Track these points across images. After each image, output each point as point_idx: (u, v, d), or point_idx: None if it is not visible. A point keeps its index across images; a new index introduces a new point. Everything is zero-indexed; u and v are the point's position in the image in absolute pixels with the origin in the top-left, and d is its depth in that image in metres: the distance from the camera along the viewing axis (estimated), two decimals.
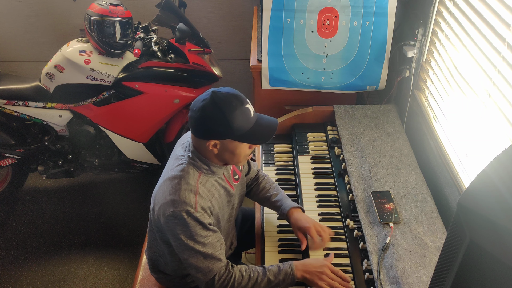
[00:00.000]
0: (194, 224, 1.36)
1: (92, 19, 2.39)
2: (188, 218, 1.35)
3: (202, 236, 1.38)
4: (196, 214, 1.36)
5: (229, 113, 1.32)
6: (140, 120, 2.70)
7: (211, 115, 1.33)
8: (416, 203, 1.68)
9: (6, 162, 2.72)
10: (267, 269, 1.46)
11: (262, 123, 1.41)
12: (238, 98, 1.36)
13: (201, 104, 1.34)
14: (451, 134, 1.80)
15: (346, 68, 2.24)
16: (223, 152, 1.40)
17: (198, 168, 1.43)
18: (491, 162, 0.77)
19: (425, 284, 1.40)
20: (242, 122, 1.35)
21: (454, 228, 0.81)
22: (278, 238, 1.68)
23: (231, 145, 1.38)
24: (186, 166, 1.42)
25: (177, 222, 1.37)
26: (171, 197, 1.37)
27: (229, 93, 1.35)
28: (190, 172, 1.41)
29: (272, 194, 1.71)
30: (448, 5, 1.80)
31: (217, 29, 3.24)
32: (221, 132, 1.35)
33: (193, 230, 1.36)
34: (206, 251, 1.39)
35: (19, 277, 2.54)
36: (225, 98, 1.33)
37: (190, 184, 1.39)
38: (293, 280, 1.45)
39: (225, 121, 1.32)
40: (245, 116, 1.35)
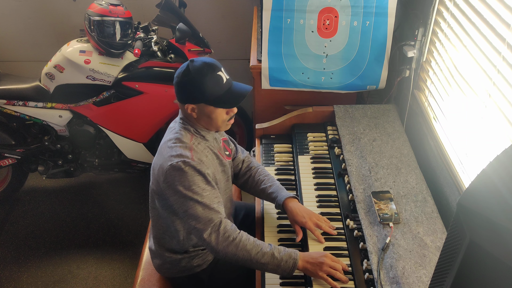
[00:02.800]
0: (192, 173, 1.44)
1: (92, 19, 2.39)
2: (186, 167, 1.43)
3: (201, 188, 1.44)
4: (193, 163, 1.44)
5: (200, 79, 1.43)
6: (140, 120, 2.70)
7: (185, 81, 1.45)
8: (416, 203, 1.68)
9: (6, 162, 2.72)
10: (272, 245, 1.47)
11: (235, 89, 1.50)
12: (210, 65, 1.46)
13: (179, 71, 1.47)
14: (451, 134, 1.80)
15: (346, 68, 2.24)
16: (200, 116, 1.51)
17: (189, 131, 1.53)
18: (491, 162, 0.77)
19: (425, 284, 1.40)
20: (213, 88, 1.45)
21: (454, 228, 0.81)
22: (278, 239, 1.68)
23: (207, 109, 1.49)
24: (179, 129, 1.54)
25: (175, 173, 1.43)
26: (168, 154, 1.47)
27: (203, 61, 1.46)
28: (183, 133, 1.52)
29: (267, 186, 1.72)
30: (448, 5, 1.80)
31: (217, 29, 3.24)
32: (194, 96, 1.46)
33: (191, 179, 1.43)
34: (204, 201, 1.44)
35: (19, 277, 2.54)
36: (198, 66, 1.45)
37: (185, 142, 1.49)
38: (295, 265, 1.44)
39: (197, 86, 1.44)
40: (216, 82, 1.46)
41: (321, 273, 1.44)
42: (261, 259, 1.43)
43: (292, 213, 1.62)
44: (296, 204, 1.65)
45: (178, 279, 1.73)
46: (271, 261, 1.43)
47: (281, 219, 1.74)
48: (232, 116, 1.56)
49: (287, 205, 1.64)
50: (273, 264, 1.43)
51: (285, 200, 1.65)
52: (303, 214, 1.61)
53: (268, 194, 1.71)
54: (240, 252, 1.43)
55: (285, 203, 1.64)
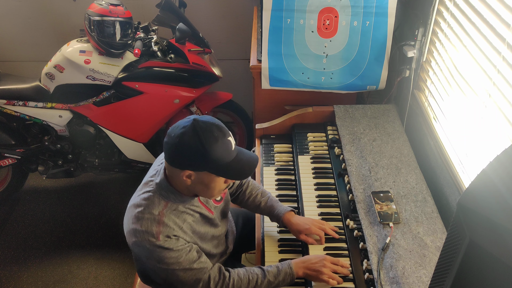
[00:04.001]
0: (159, 251, 1.31)
1: (92, 19, 2.39)
2: (150, 247, 1.31)
3: (172, 258, 1.32)
4: (158, 242, 1.30)
5: (209, 144, 1.24)
6: (140, 120, 2.70)
7: (190, 144, 1.24)
8: (416, 203, 1.68)
9: (6, 162, 2.72)
10: (266, 271, 1.45)
11: (243, 158, 1.33)
12: (220, 129, 1.28)
13: (180, 131, 1.25)
14: (451, 134, 1.80)
15: (346, 68, 2.24)
16: (196, 184, 1.32)
17: (165, 197, 1.36)
18: (491, 162, 0.77)
19: (425, 284, 1.40)
20: (221, 155, 1.26)
21: (454, 228, 0.81)
22: (278, 238, 1.68)
23: (207, 178, 1.30)
24: (152, 194, 1.36)
25: (141, 251, 1.34)
26: (133, 226, 1.33)
27: (211, 123, 1.28)
28: (155, 201, 1.35)
29: (261, 201, 1.68)
30: (448, 5, 1.80)
31: (217, 29, 3.24)
32: (198, 163, 1.26)
33: (159, 256, 1.32)
34: (183, 267, 1.34)
35: (19, 277, 2.54)
36: (206, 128, 1.25)
37: (153, 214, 1.33)
38: (293, 279, 1.45)
39: (204, 152, 1.24)
40: (225, 149, 1.28)
41: (323, 277, 1.45)
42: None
43: (294, 225, 1.61)
44: (297, 217, 1.64)
45: None
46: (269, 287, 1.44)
47: None
48: (229, 186, 1.40)
49: (288, 220, 1.62)
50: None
51: (284, 214, 1.63)
52: (305, 222, 1.61)
53: (263, 209, 1.67)
54: None
55: (286, 218, 1.62)
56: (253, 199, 1.69)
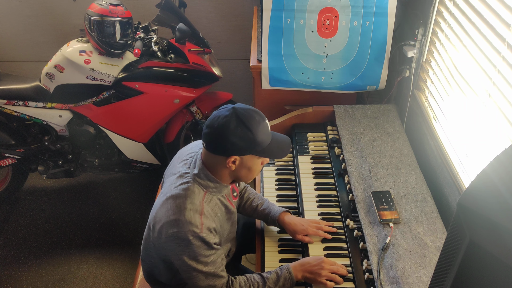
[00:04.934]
0: (199, 244, 1.34)
1: (92, 19, 2.39)
2: (193, 239, 1.32)
3: (205, 256, 1.36)
4: (202, 234, 1.33)
5: (254, 128, 1.33)
6: (140, 120, 2.70)
7: (236, 130, 1.31)
8: (416, 203, 1.68)
9: (6, 162, 2.72)
10: (266, 278, 1.46)
11: (278, 139, 1.43)
12: (259, 113, 1.37)
13: (223, 121, 1.32)
14: (451, 134, 1.80)
15: (346, 68, 2.24)
16: (240, 168, 1.39)
17: (204, 187, 1.40)
18: (491, 162, 0.77)
19: (425, 284, 1.40)
20: (264, 137, 1.36)
21: (454, 228, 0.81)
22: (278, 238, 1.68)
23: (250, 161, 1.39)
24: (191, 185, 1.38)
25: (180, 242, 1.34)
26: (175, 216, 1.33)
27: (250, 109, 1.36)
28: (195, 191, 1.38)
29: (258, 204, 1.70)
30: (448, 5, 1.80)
31: (217, 29, 3.24)
32: (245, 147, 1.34)
33: (197, 251, 1.34)
34: (208, 270, 1.37)
35: (19, 277, 2.54)
36: (248, 114, 1.34)
37: (195, 204, 1.36)
38: (293, 283, 1.47)
39: (251, 136, 1.32)
40: (266, 131, 1.37)
41: (320, 278, 1.46)
42: None
43: (291, 225, 1.62)
44: (292, 216, 1.66)
45: None
46: None
47: None
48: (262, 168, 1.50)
49: (283, 219, 1.64)
50: None
51: (280, 215, 1.64)
52: (301, 223, 1.63)
53: (260, 212, 1.69)
54: None
55: (281, 218, 1.64)
56: (250, 203, 1.71)
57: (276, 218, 1.64)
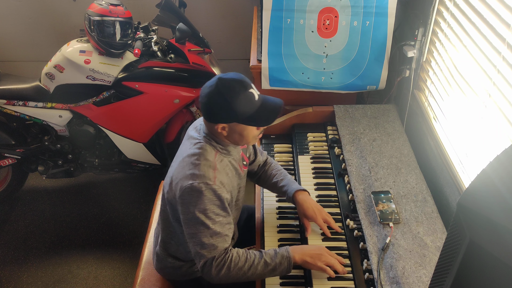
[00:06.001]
0: (211, 197, 1.40)
1: (92, 19, 2.39)
2: (206, 191, 1.39)
3: (215, 213, 1.41)
4: (214, 186, 1.40)
5: (232, 99, 1.38)
6: (140, 120, 2.70)
7: (216, 102, 1.40)
8: (416, 203, 1.68)
9: (6, 162, 2.72)
10: (263, 252, 1.48)
11: (267, 106, 1.45)
12: (242, 83, 1.41)
13: (207, 91, 1.41)
14: (451, 134, 1.80)
15: (346, 68, 2.24)
16: (231, 134, 1.46)
17: (214, 147, 1.49)
18: (491, 162, 0.77)
19: (425, 284, 1.40)
20: (245, 107, 1.40)
21: (454, 228, 0.81)
22: (279, 238, 1.68)
23: (238, 128, 1.44)
24: (204, 144, 1.48)
25: (193, 194, 1.39)
26: (191, 171, 1.41)
27: (233, 79, 1.41)
28: (207, 149, 1.47)
29: (278, 180, 1.74)
30: (448, 5, 1.80)
31: (217, 29, 3.24)
32: (226, 116, 1.41)
33: (207, 204, 1.39)
34: (215, 228, 1.41)
35: (19, 277, 2.54)
36: (228, 85, 1.39)
37: (209, 160, 1.44)
38: (290, 263, 1.46)
39: (229, 107, 1.38)
40: (248, 101, 1.41)
41: (320, 264, 1.47)
42: (256, 271, 1.44)
43: (303, 206, 1.64)
44: (306, 197, 1.67)
45: (178, 281, 1.74)
46: (265, 270, 1.45)
47: (281, 219, 1.74)
48: (262, 131, 1.54)
49: (297, 197, 1.66)
50: (268, 271, 1.45)
51: (295, 192, 1.66)
52: (313, 209, 1.63)
53: (279, 188, 1.73)
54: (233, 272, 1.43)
55: (295, 195, 1.66)
56: (272, 178, 1.76)
57: (292, 196, 1.67)
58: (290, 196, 1.67)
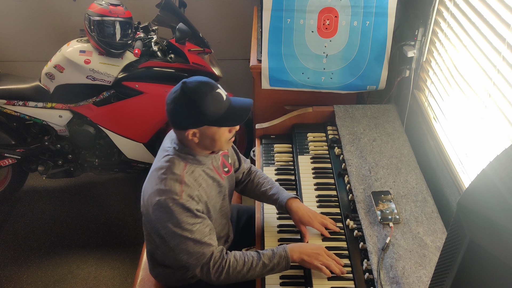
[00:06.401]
0: (180, 211, 1.38)
1: (92, 19, 2.39)
2: (173, 206, 1.37)
3: (190, 224, 1.39)
4: (181, 200, 1.38)
5: (200, 101, 1.35)
6: (140, 120, 2.70)
7: (183, 106, 1.36)
8: (416, 203, 1.68)
9: (6, 162, 2.72)
10: (261, 253, 1.47)
11: (236, 106, 1.43)
12: (208, 84, 1.39)
13: (173, 96, 1.38)
14: (451, 134, 1.80)
15: (346, 68, 2.24)
16: (203, 139, 1.42)
17: (184, 159, 1.45)
18: (491, 162, 0.77)
19: (425, 284, 1.40)
20: (215, 108, 1.37)
21: (454, 228, 0.81)
22: (278, 238, 1.68)
23: (210, 131, 1.41)
24: (172, 157, 1.45)
25: (163, 210, 1.39)
26: (157, 187, 1.40)
27: (198, 81, 1.38)
28: (175, 162, 1.44)
29: (267, 189, 1.72)
30: (448, 5, 1.80)
31: (217, 29, 3.24)
32: (195, 120, 1.37)
33: (179, 217, 1.38)
34: (195, 237, 1.40)
35: (19, 277, 2.54)
36: (194, 87, 1.36)
37: (176, 174, 1.41)
38: (288, 262, 1.46)
39: (198, 109, 1.35)
40: (217, 101, 1.38)
41: (317, 263, 1.47)
42: (254, 273, 1.45)
43: (297, 213, 1.62)
44: (299, 204, 1.66)
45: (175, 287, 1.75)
46: (264, 270, 1.46)
47: (281, 219, 1.74)
48: (234, 134, 1.50)
49: (290, 205, 1.64)
50: (267, 271, 1.46)
51: (288, 200, 1.65)
52: (308, 214, 1.63)
53: (269, 196, 1.70)
54: (232, 276, 1.44)
55: (288, 203, 1.64)
56: (260, 188, 1.73)
57: (284, 204, 1.65)
58: (282, 205, 1.66)
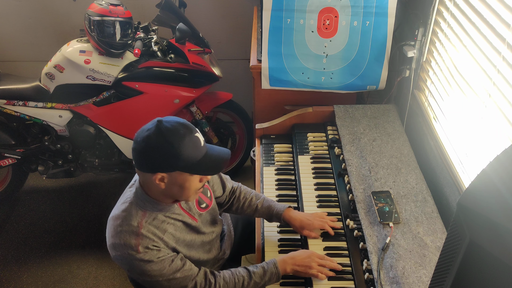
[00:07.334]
0: (140, 264, 1.31)
1: (92, 19, 2.39)
2: (131, 261, 1.31)
3: (154, 270, 1.32)
4: (139, 255, 1.30)
5: (177, 142, 1.22)
6: (140, 120, 2.68)
7: (158, 145, 1.22)
8: (416, 203, 1.68)
9: (6, 162, 2.72)
10: (251, 272, 1.45)
11: (213, 153, 1.31)
12: (186, 126, 1.26)
13: (145, 134, 1.24)
14: (451, 134, 1.80)
15: (346, 68, 2.24)
16: (171, 186, 1.29)
17: (142, 207, 1.34)
18: (491, 162, 0.77)
19: (425, 284, 1.40)
20: (191, 152, 1.24)
21: (454, 228, 0.81)
22: (279, 238, 1.68)
23: (180, 178, 1.27)
24: (128, 205, 1.35)
25: (122, 263, 1.34)
26: (112, 239, 1.33)
27: (175, 121, 1.26)
28: (132, 212, 1.33)
29: (257, 203, 1.68)
30: (448, 5, 1.80)
31: (217, 29, 3.24)
32: (168, 163, 1.24)
33: (141, 268, 1.31)
34: (166, 277, 1.33)
35: (19, 277, 2.54)
36: (172, 127, 1.23)
37: (132, 225, 1.31)
38: (279, 277, 1.47)
39: (173, 151, 1.22)
40: (194, 146, 1.26)
41: (311, 271, 1.47)
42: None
43: (297, 221, 1.63)
44: (296, 212, 1.67)
45: None
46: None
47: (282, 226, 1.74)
48: (203, 185, 1.36)
49: (289, 215, 1.64)
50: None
51: (285, 211, 1.64)
52: (307, 218, 1.63)
53: (261, 211, 1.67)
54: None
55: (286, 214, 1.64)
56: (249, 204, 1.69)
57: (281, 215, 1.64)
58: (279, 216, 1.64)
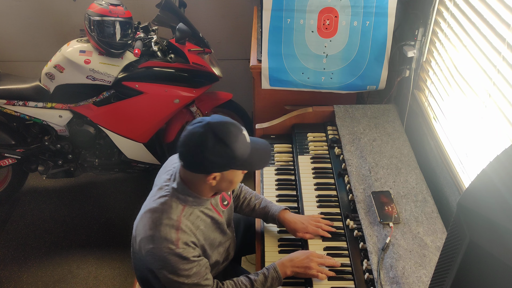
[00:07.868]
0: (176, 260, 1.31)
1: (92, 19, 2.39)
2: (169, 255, 1.30)
3: (185, 270, 1.33)
4: (178, 250, 1.31)
5: (232, 143, 1.26)
6: (140, 120, 2.70)
7: (213, 148, 1.25)
8: (416, 203, 1.68)
9: (6, 162, 2.72)
10: (253, 280, 1.46)
11: (258, 148, 1.36)
12: (235, 125, 1.30)
13: (199, 139, 1.25)
14: (451, 134, 1.80)
15: (346, 68, 2.24)
16: (221, 182, 1.35)
17: (183, 201, 1.37)
18: (491, 162, 0.77)
19: (425, 284, 1.40)
20: (243, 150, 1.29)
21: (454, 228, 0.81)
22: (278, 238, 1.68)
23: (231, 175, 1.34)
24: (168, 198, 1.36)
25: (157, 259, 1.32)
26: (151, 232, 1.32)
27: (225, 122, 1.29)
28: (172, 205, 1.35)
29: (255, 203, 1.70)
30: (448, 5, 1.80)
31: (217, 29, 3.24)
32: (224, 164, 1.28)
33: (175, 265, 1.32)
34: (191, 281, 1.35)
35: (19, 277, 2.54)
36: (224, 128, 1.27)
37: (172, 219, 1.33)
38: (281, 281, 1.48)
39: (229, 152, 1.26)
40: (244, 143, 1.30)
41: (311, 272, 1.48)
42: None
43: (291, 223, 1.63)
44: (291, 214, 1.67)
45: None
46: None
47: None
48: None
49: (283, 217, 1.64)
50: None
51: (280, 213, 1.65)
52: (301, 221, 1.64)
53: (259, 211, 1.69)
54: None
55: (281, 216, 1.65)
56: (248, 203, 1.71)
57: (276, 216, 1.65)
58: (274, 217, 1.65)
